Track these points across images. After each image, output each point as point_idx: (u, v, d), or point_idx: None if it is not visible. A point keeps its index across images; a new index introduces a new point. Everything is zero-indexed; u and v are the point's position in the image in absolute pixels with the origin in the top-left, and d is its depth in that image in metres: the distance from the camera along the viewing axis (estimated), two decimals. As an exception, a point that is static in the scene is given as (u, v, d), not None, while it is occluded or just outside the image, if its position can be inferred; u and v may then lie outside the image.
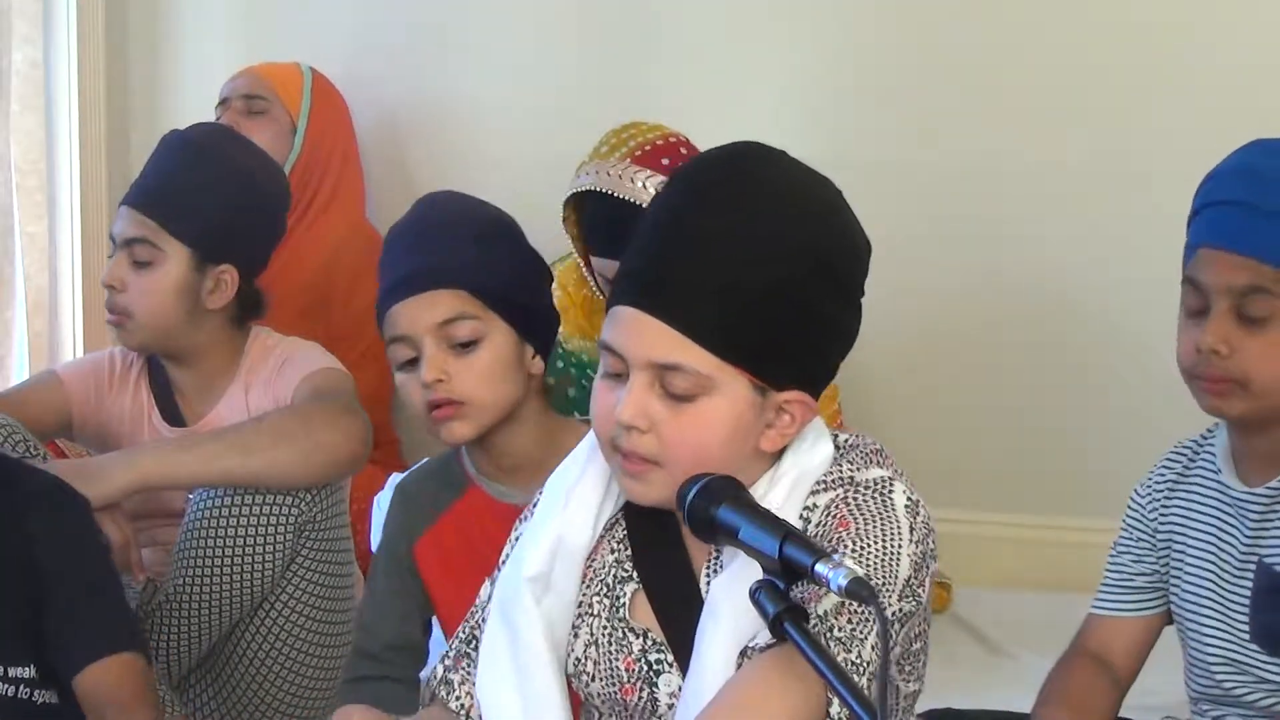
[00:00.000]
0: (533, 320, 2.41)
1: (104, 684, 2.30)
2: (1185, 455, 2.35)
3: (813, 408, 1.86)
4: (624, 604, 1.92)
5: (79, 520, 2.42)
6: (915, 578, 1.80)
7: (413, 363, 2.36)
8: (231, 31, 4.40)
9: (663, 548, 1.91)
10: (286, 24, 4.35)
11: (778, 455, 1.88)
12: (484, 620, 1.99)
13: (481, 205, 2.48)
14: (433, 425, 2.37)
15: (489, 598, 2.00)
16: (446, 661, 2.02)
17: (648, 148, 3.29)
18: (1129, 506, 2.38)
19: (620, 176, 3.25)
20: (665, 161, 3.25)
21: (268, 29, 4.35)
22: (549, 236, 3.53)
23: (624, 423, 1.81)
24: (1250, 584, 2.20)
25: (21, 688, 2.32)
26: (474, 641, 1.99)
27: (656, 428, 1.81)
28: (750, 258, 1.78)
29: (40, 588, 2.32)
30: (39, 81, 4.11)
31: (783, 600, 1.65)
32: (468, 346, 2.34)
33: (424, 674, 2.24)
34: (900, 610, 1.79)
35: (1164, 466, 2.36)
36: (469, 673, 1.98)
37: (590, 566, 1.95)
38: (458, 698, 1.99)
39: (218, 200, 2.84)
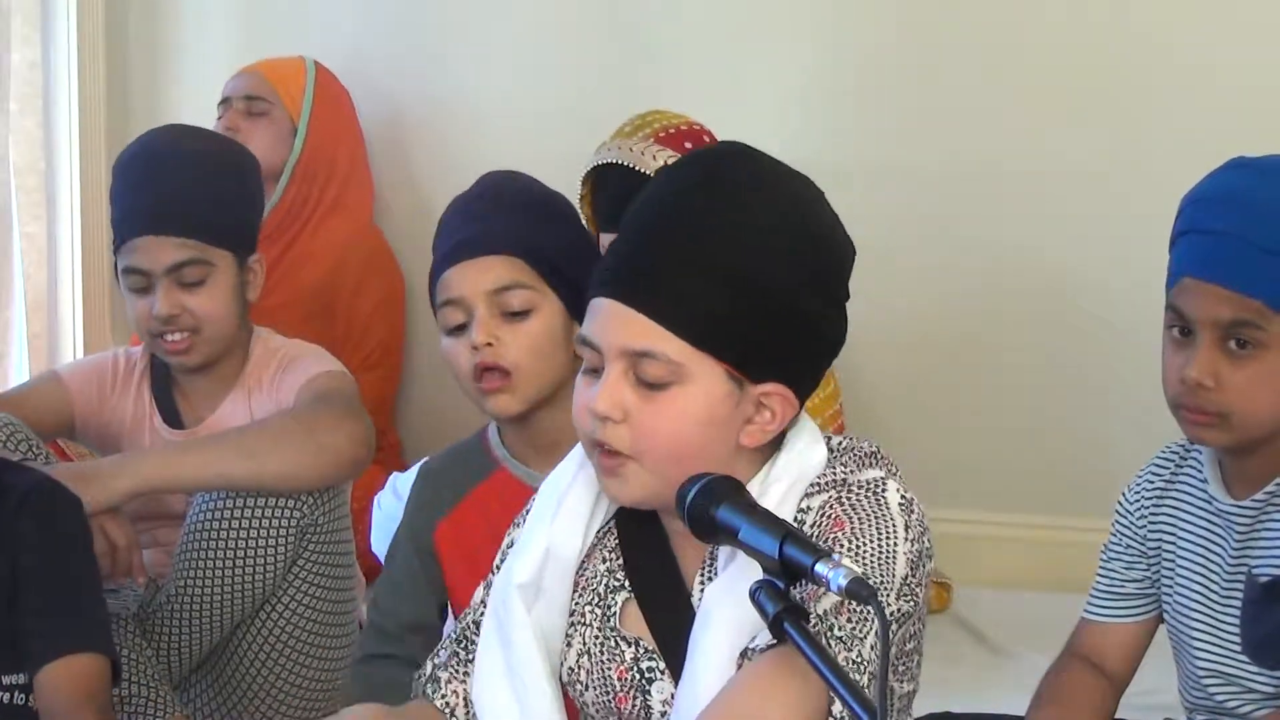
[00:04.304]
0: (583, 298, 2.41)
1: (60, 683, 2.26)
2: (1172, 462, 2.33)
3: (793, 403, 1.84)
4: (615, 613, 1.92)
5: (66, 518, 2.38)
6: (912, 576, 1.80)
7: (462, 328, 2.36)
8: (232, 31, 4.40)
9: (653, 556, 1.91)
10: (287, 24, 4.34)
11: (771, 459, 1.87)
12: (475, 623, 1.99)
13: (540, 183, 2.49)
14: (479, 396, 2.36)
15: (481, 601, 2.00)
16: (437, 660, 2.02)
17: (671, 130, 3.31)
18: (1117, 512, 2.36)
19: (643, 153, 3.26)
20: (688, 145, 3.27)
21: (268, 28, 4.35)
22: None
23: (598, 413, 1.81)
24: (1240, 596, 2.19)
25: (16, 694, 2.30)
26: (465, 641, 1.99)
27: (630, 418, 1.80)
28: (722, 247, 1.79)
29: (20, 588, 2.29)
30: (37, 82, 4.12)
31: (782, 600, 1.65)
32: (519, 316, 2.35)
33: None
34: (898, 610, 1.79)
35: (1151, 472, 2.34)
36: (457, 671, 1.98)
37: (582, 575, 1.94)
38: (443, 696, 1.98)
39: (231, 196, 2.86)
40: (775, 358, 1.82)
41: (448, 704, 1.97)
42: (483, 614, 1.99)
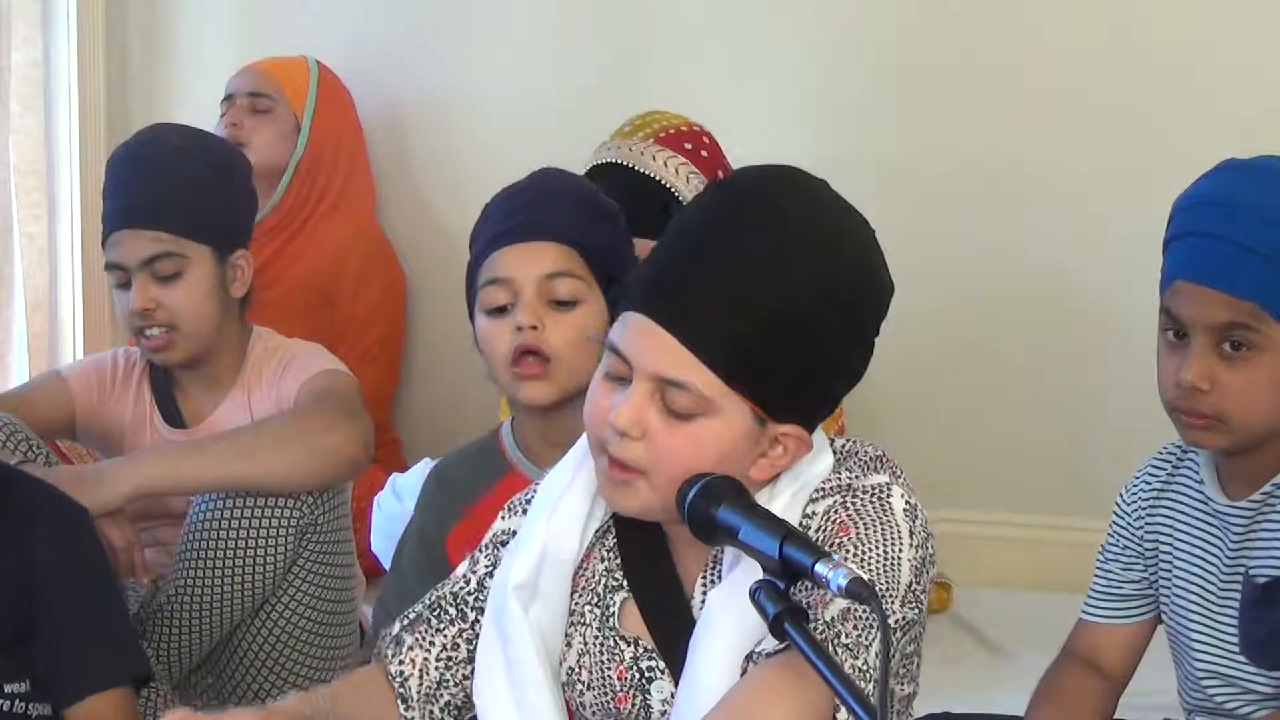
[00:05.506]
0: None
1: (95, 718, 2.27)
2: (1169, 463, 2.32)
3: (807, 443, 1.84)
4: (614, 613, 1.91)
5: (80, 537, 2.37)
6: (916, 583, 1.79)
7: (503, 310, 2.35)
8: (232, 31, 4.40)
9: (651, 556, 1.90)
10: (288, 23, 4.35)
11: None
12: (453, 594, 1.96)
13: (591, 183, 2.52)
14: (512, 382, 2.36)
15: (463, 575, 1.97)
16: (404, 621, 1.98)
17: (671, 131, 3.32)
18: (1114, 513, 2.36)
19: (642, 153, 3.27)
20: (688, 146, 3.28)
21: (268, 28, 4.36)
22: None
23: (618, 428, 1.79)
24: (1238, 597, 2.19)
25: (16, 702, 2.29)
26: (438, 610, 1.96)
27: (649, 437, 1.79)
28: (774, 290, 1.76)
29: (37, 607, 2.28)
30: (39, 82, 4.12)
31: (782, 600, 1.64)
32: (564, 306, 2.35)
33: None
34: (903, 617, 1.79)
35: (1148, 473, 2.34)
36: (421, 638, 1.95)
37: (582, 576, 1.93)
38: (400, 661, 1.94)
39: (211, 191, 2.84)
40: (801, 399, 1.82)
41: (402, 672, 1.93)
42: (461, 587, 1.96)
